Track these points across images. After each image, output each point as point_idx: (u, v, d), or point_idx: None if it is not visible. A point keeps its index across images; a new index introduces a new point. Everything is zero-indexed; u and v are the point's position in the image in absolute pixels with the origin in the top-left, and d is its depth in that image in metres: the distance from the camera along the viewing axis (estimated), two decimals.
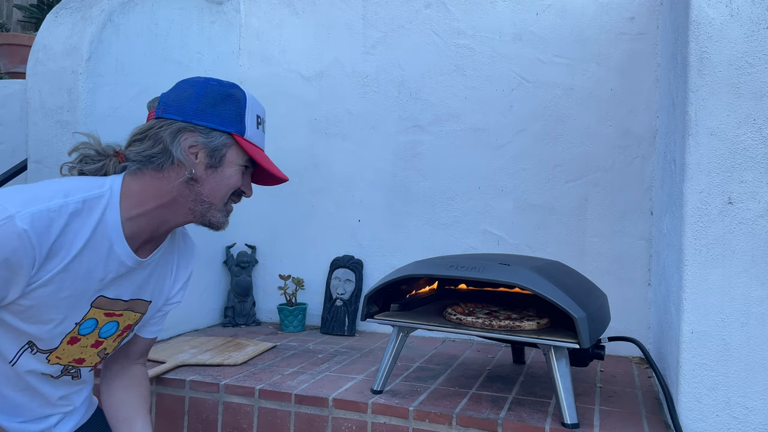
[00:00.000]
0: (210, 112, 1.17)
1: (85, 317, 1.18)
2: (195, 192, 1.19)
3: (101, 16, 2.18)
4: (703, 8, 1.50)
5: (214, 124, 1.18)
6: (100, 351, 1.27)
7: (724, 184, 1.50)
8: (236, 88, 1.23)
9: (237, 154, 1.21)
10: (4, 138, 3.26)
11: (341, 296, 2.72)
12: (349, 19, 2.84)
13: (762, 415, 1.48)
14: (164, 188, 1.18)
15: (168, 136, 1.16)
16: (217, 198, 1.21)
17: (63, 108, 2.16)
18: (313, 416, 1.78)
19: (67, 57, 2.16)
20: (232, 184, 1.23)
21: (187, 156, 1.16)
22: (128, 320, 1.28)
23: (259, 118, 1.26)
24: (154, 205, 1.18)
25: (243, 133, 1.21)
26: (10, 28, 4.88)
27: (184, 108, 1.18)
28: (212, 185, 1.20)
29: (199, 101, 1.17)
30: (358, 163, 2.80)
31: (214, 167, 1.19)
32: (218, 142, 1.18)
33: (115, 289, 1.20)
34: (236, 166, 1.22)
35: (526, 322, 1.70)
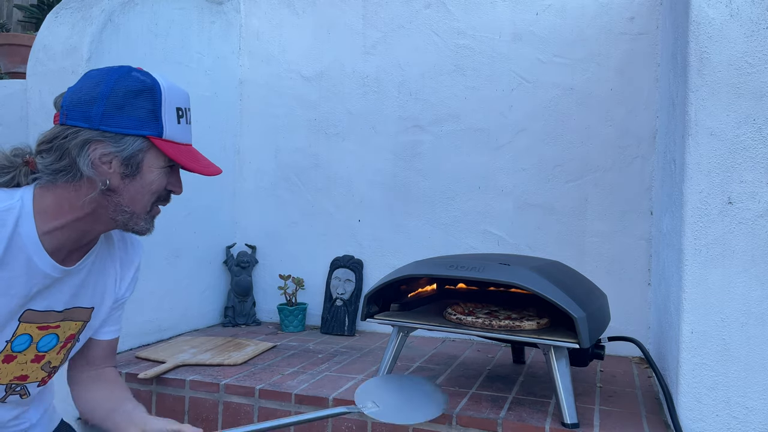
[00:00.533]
0: (119, 116, 1.04)
1: (15, 334, 1.10)
2: (114, 202, 1.09)
3: (101, 16, 2.19)
4: (703, 8, 1.50)
5: (126, 128, 1.04)
6: (44, 365, 1.19)
7: (723, 184, 1.50)
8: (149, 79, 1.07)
9: (156, 157, 1.09)
10: (4, 138, 3.25)
11: (341, 296, 2.72)
12: (349, 19, 2.84)
13: (762, 415, 1.48)
14: (78, 202, 1.07)
15: (74, 149, 1.03)
16: (138, 206, 1.11)
17: None
18: None
19: (67, 57, 2.16)
20: (155, 189, 1.11)
21: (98, 168, 1.05)
22: (69, 330, 1.20)
23: (180, 111, 1.10)
24: (72, 218, 1.09)
25: (161, 133, 1.07)
26: (10, 28, 4.88)
27: (89, 113, 1.03)
28: (132, 194, 1.09)
29: (106, 103, 1.03)
30: (358, 163, 2.80)
31: (131, 176, 1.07)
32: (132, 148, 1.05)
33: (43, 300, 1.12)
34: (158, 170, 1.10)
35: (526, 322, 1.70)
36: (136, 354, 2.18)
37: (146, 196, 1.11)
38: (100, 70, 1.08)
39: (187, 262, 2.60)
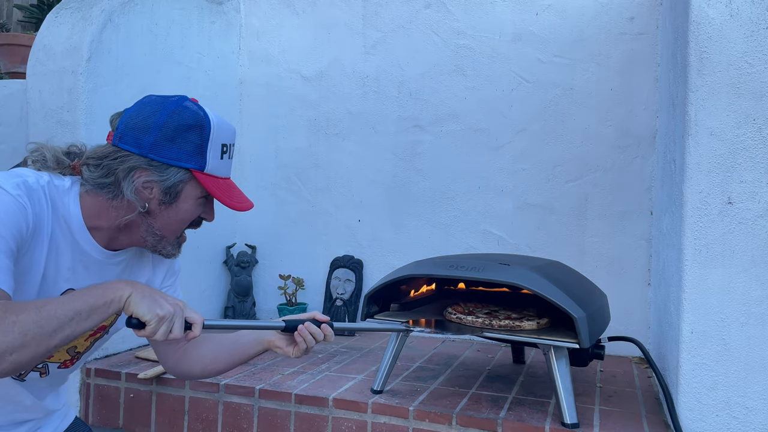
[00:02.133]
0: (168, 147, 1.10)
1: None
2: (147, 224, 1.15)
3: (101, 16, 2.19)
4: (703, 8, 1.50)
5: (172, 159, 1.11)
6: (70, 348, 1.21)
7: (723, 184, 1.50)
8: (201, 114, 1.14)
9: (194, 188, 1.15)
10: (4, 138, 3.26)
11: (341, 296, 2.72)
12: (349, 19, 2.84)
13: (762, 415, 1.48)
14: (114, 216, 1.14)
15: (121, 172, 1.10)
16: (169, 231, 1.17)
17: (63, 108, 2.16)
18: (313, 416, 1.78)
19: (67, 57, 2.16)
20: (188, 218, 1.17)
21: (140, 194, 1.11)
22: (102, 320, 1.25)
23: (224, 147, 1.17)
24: (107, 226, 1.15)
25: (203, 168, 1.13)
26: (10, 28, 4.87)
27: (141, 140, 1.10)
28: (165, 220, 1.15)
29: (158, 133, 1.10)
30: (358, 163, 2.80)
31: (168, 203, 1.14)
32: (174, 179, 1.12)
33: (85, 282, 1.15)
34: (193, 200, 1.16)
35: (526, 321, 1.70)
36: (136, 354, 2.18)
37: (178, 223, 1.17)
38: (158, 98, 1.15)
39: (187, 261, 2.59)
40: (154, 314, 1.02)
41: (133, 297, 1.02)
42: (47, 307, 0.96)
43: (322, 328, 1.23)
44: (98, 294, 1.01)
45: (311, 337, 1.22)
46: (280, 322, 1.23)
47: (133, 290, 1.02)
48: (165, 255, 1.20)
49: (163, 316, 1.02)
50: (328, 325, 1.24)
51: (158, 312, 1.02)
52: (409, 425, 1.69)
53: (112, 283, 1.04)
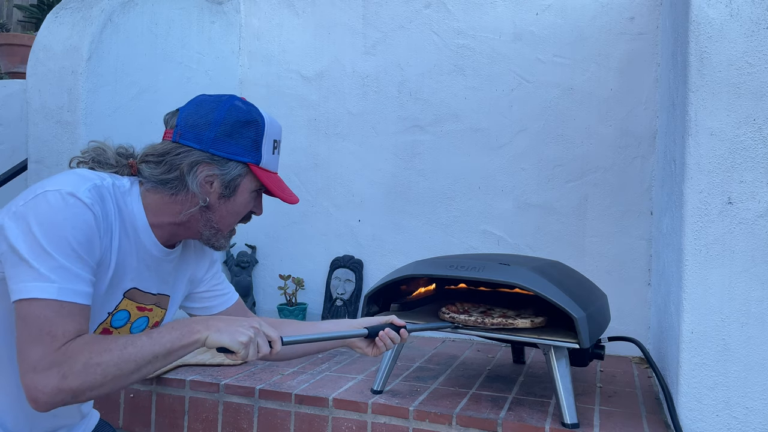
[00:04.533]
0: (228, 142, 1.16)
1: (117, 307, 1.18)
2: (206, 218, 1.20)
3: (101, 16, 2.19)
4: (703, 8, 1.50)
5: (232, 154, 1.16)
6: None
7: (723, 184, 1.50)
8: (255, 112, 1.20)
9: (251, 182, 1.21)
10: (4, 138, 3.26)
11: (341, 296, 2.72)
12: (349, 19, 2.84)
13: (762, 416, 1.48)
14: (177, 211, 1.18)
15: (185, 166, 1.15)
16: (225, 225, 1.23)
17: (63, 108, 2.16)
18: (313, 416, 1.78)
19: (67, 57, 2.16)
20: (242, 211, 1.24)
21: (202, 187, 1.17)
22: (155, 317, 1.28)
23: (275, 143, 1.24)
24: (168, 221, 1.19)
25: (259, 162, 1.20)
26: (10, 28, 4.88)
27: (201, 136, 1.15)
28: (223, 213, 1.21)
29: (218, 129, 1.15)
30: (358, 163, 2.80)
31: (227, 197, 1.19)
32: (234, 173, 1.18)
33: (145, 281, 1.22)
34: (249, 193, 1.22)
35: (520, 320, 1.69)
36: None
37: (234, 216, 1.23)
38: (212, 97, 1.20)
39: None
40: (237, 343, 1.07)
41: (212, 336, 1.07)
42: (129, 350, 1.01)
43: (399, 332, 1.35)
44: (176, 337, 1.06)
45: (390, 341, 1.33)
46: (363, 329, 1.33)
47: (209, 331, 1.08)
48: (216, 247, 1.26)
49: (246, 342, 1.08)
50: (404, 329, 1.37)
51: (240, 340, 1.07)
52: (409, 425, 1.69)
53: (188, 326, 1.09)
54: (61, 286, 0.99)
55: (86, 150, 1.22)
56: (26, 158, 2.28)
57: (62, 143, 2.17)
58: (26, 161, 2.28)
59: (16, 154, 3.13)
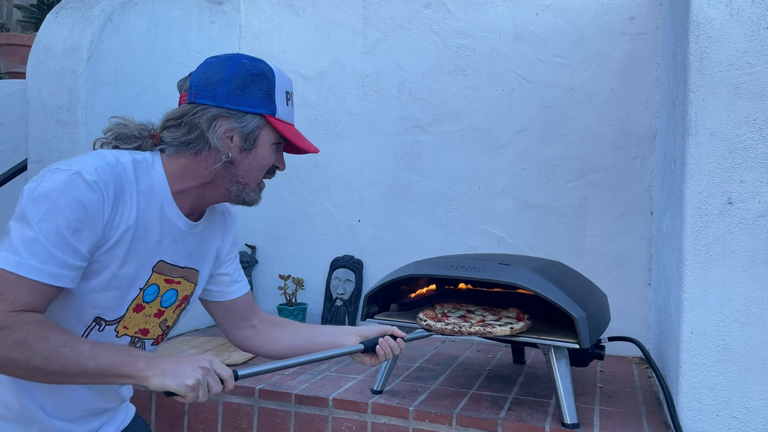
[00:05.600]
0: (242, 95, 1.18)
1: (147, 282, 1.20)
2: (231, 174, 1.22)
3: (101, 16, 2.19)
4: (703, 8, 1.50)
5: (247, 107, 1.19)
6: (161, 322, 1.28)
7: (724, 184, 1.50)
8: (263, 64, 1.23)
9: (270, 134, 1.23)
10: (4, 138, 3.26)
11: (341, 296, 2.72)
12: (349, 19, 2.84)
13: (762, 416, 1.48)
14: (202, 171, 1.20)
15: (204, 123, 1.17)
16: (251, 178, 1.24)
17: (63, 108, 2.16)
18: (313, 416, 1.78)
19: (67, 57, 2.16)
20: (266, 163, 1.25)
21: (223, 142, 1.18)
22: (185, 291, 1.30)
23: (288, 94, 1.26)
24: (194, 185, 1.21)
25: (274, 113, 1.22)
26: (10, 28, 4.88)
27: (215, 93, 1.18)
28: (247, 167, 1.22)
29: (230, 84, 1.18)
30: (358, 163, 2.80)
31: (248, 150, 1.21)
32: (252, 125, 1.20)
33: (172, 253, 1.23)
34: (269, 145, 1.24)
35: (499, 327, 1.63)
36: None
37: (258, 169, 1.24)
38: (220, 56, 1.23)
39: None
40: (184, 387, 1.04)
41: (156, 380, 1.04)
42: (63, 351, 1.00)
43: (397, 341, 1.36)
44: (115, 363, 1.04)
45: (390, 350, 1.34)
46: (359, 345, 1.33)
47: (152, 372, 1.04)
48: (248, 202, 1.27)
49: (194, 385, 1.05)
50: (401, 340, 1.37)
51: (187, 383, 1.05)
52: (409, 425, 1.69)
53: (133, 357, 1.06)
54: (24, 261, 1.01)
55: (108, 128, 1.24)
56: (26, 158, 2.27)
57: (62, 143, 2.17)
58: (26, 161, 2.28)
59: (16, 154, 3.13)
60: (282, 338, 1.42)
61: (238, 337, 1.45)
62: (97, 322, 1.16)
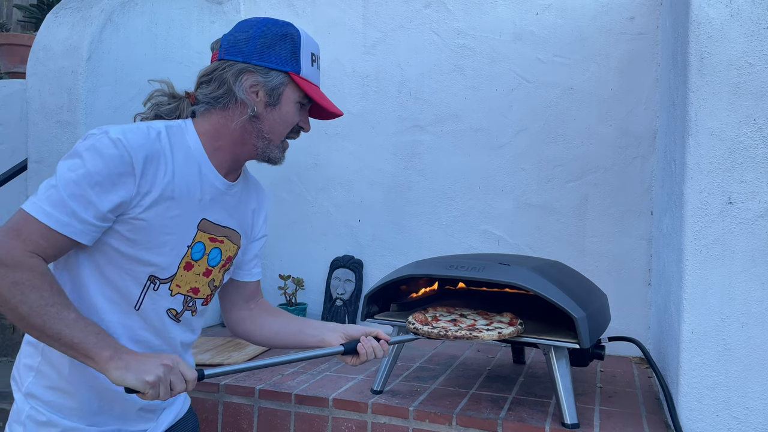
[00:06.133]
0: (268, 53, 1.24)
1: (194, 240, 1.25)
2: (257, 129, 1.26)
3: (101, 16, 2.19)
4: (703, 8, 1.50)
5: (272, 63, 1.24)
6: (209, 281, 1.32)
7: (724, 184, 1.50)
8: (291, 26, 1.28)
9: (294, 92, 1.27)
10: (4, 138, 3.26)
11: (341, 296, 2.72)
12: (349, 19, 2.84)
13: (762, 416, 1.48)
14: (231, 125, 1.25)
15: (231, 77, 1.23)
16: (275, 134, 1.28)
17: (63, 108, 2.16)
18: (313, 416, 1.78)
19: (67, 57, 2.16)
20: (290, 121, 1.29)
21: (249, 95, 1.23)
22: (228, 251, 1.34)
23: (313, 56, 1.30)
24: (226, 141, 1.26)
25: (299, 71, 1.26)
26: (10, 28, 4.88)
27: (243, 50, 1.24)
28: (272, 122, 1.26)
29: (258, 42, 1.24)
30: (358, 163, 2.80)
31: (272, 105, 1.25)
32: (276, 81, 1.24)
33: (214, 212, 1.28)
34: (293, 103, 1.27)
35: (486, 332, 1.56)
36: None
37: (282, 126, 1.28)
38: (250, 19, 1.29)
39: None
40: (143, 383, 1.06)
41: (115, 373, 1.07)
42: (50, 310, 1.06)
43: (381, 344, 1.34)
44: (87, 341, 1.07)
45: (372, 351, 1.32)
46: (339, 347, 1.32)
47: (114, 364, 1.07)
48: (272, 159, 1.30)
49: (154, 382, 1.07)
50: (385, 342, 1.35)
51: (147, 379, 1.06)
52: (409, 425, 1.69)
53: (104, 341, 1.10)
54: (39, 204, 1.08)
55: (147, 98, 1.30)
56: (26, 158, 2.27)
57: (62, 143, 2.17)
58: (26, 161, 2.28)
59: (16, 154, 3.13)
60: (273, 326, 1.44)
61: (233, 318, 1.47)
62: (151, 281, 1.21)
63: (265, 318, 1.46)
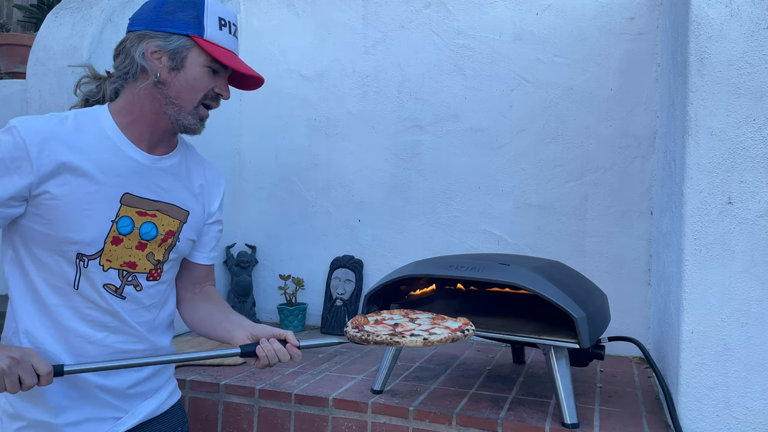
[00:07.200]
0: (169, 19, 1.25)
1: (118, 215, 1.25)
2: (164, 95, 1.26)
3: (101, 16, 2.19)
4: (703, 8, 1.50)
5: (173, 28, 1.25)
6: (148, 255, 1.31)
7: (723, 184, 1.50)
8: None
9: (199, 56, 1.27)
10: None
11: (341, 296, 2.72)
12: (349, 19, 2.84)
13: (762, 415, 1.48)
14: (141, 95, 1.27)
15: (133, 47, 1.26)
16: (185, 100, 1.27)
17: (63, 108, 2.16)
18: (313, 416, 1.78)
19: (67, 57, 2.16)
20: (198, 85, 1.28)
21: (151, 61, 1.25)
22: (167, 225, 1.33)
23: (222, 20, 1.30)
24: (139, 114, 1.28)
25: (201, 34, 1.26)
26: (10, 28, 4.88)
27: (146, 19, 1.27)
28: (178, 87, 1.26)
29: (160, 10, 1.26)
30: (358, 163, 2.80)
31: (176, 69, 1.26)
32: (177, 44, 1.25)
33: (138, 187, 1.28)
34: (200, 67, 1.27)
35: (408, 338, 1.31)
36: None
37: (190, 91, 1.28)
38: None
39: None
40: None
41: None
42: None
43: (287, 348, 1.26)
44: None
45: (275, 355, 1.25)
46: (237, 348, 1.27)
47: None
48: (187, 127, 1.30)
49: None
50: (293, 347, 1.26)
51: None
52: (409, 425, 1.69)
53: None
54: None
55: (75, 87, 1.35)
56: None
57: None
58: None
59: None
60: (202, 312, 1.43)
61: (178, 298, 1.47)
62: (80, 258, 1.23)
63: (200, 303, 1.45)
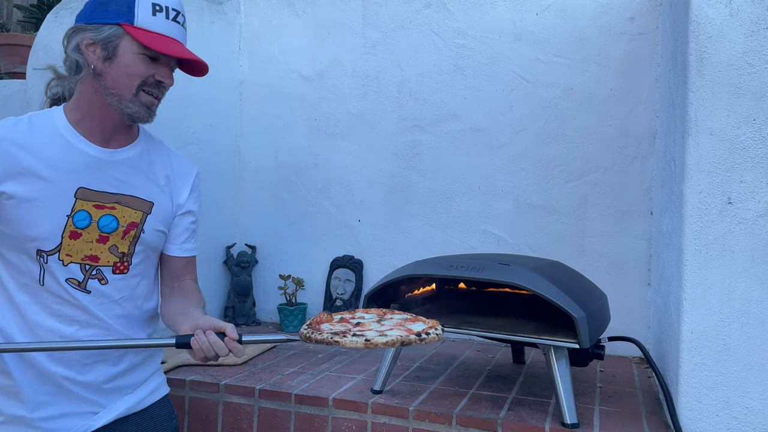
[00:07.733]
0: (102, 11, 1.28)
1: (73, 209, 1.27)
2: (102, 86, 1.28)
3: None
4: (703, 8, 1.50)
5: (105, 19, 1.27)
6: (111, 247, 1.32)
7: (723, 184, 1.50)
8: None
9: (130, 43, 1.27)
10: None
11: (341, 296, 2.72)
12: (349, 19, 2.84)
13: (762, 415, 1.48)
14: (86, 89, 1.30)
15: (69, 43, 1.29)
16: (122, 88, 1.28)
17: None
18: (313, 416, 1.78)
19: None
20: (133, 72, 1.28)
21: (86, 54, 1.27)
22: (129, 217, 1.34)
23: (156, 6, 1.29)
24: (87, 108, 1.30)
25: (132, 21, 1.27)
26: (10, 28, 4.87)
27: (83, 13, 1.30)
28: (113, 76, 1.28)
29: (94, 4, 1.29)
30: (358, 163, 2.80)
31: (110, 59, 1.27)
32: (108, 33, 1.26)
33: (93, 181, 1.30)
34: (133, 55, 1.27)
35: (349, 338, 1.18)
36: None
37: (126, 79, 1.28)
38: None
39: None
40: None
41: None
42: None
43: (225, 341, 1.21)
44: None
45: (210, 347, 1.20)
46: (171, 338, 1.24)
47: None
48: (135, 116, 1.31)
49: None
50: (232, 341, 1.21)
51: None
52: (409, 425, 1.69)
53: None
54: None
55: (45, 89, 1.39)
56: None
57: None
58: None
59: None
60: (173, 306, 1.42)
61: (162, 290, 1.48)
62: (39, 254, 1.25)
63: (176, 298, 1.44)
